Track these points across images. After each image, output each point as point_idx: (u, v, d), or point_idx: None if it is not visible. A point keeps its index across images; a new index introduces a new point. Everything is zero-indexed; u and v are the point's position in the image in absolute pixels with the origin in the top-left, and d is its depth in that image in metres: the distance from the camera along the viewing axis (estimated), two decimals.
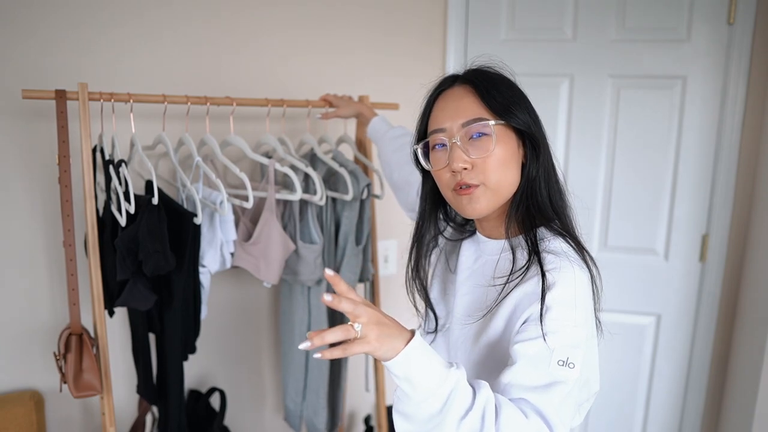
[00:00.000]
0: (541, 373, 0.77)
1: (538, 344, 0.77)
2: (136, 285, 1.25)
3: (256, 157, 1.39)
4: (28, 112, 1.38)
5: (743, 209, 1.88)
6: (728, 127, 1.84)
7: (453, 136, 0.84)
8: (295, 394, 1.64)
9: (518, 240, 0.87)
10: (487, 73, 0.87)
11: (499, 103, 0.83)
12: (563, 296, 0.78)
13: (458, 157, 0.83)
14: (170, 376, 1.40)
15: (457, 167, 0.83)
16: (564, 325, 0.77)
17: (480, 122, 0.82)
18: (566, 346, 0.77)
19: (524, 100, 0.87)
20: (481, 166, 0.83)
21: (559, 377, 0.76)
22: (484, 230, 0.94)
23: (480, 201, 0.84)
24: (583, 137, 1.96)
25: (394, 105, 1.66)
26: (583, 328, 0.79)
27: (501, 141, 0.83)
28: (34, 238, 1.44)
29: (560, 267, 0.80)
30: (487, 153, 0.82)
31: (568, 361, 0.76)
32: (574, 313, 0.78)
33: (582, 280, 0.81)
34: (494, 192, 0.84)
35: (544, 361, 0.77)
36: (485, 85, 0.84)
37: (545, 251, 0.83)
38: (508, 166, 0.84)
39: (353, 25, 1.82)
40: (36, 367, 1.48)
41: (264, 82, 1.68)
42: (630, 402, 2.10)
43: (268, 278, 1.42)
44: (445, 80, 0.90)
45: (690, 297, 1.98)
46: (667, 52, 1.85)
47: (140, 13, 1.48)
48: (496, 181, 0.83)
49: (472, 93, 0.85)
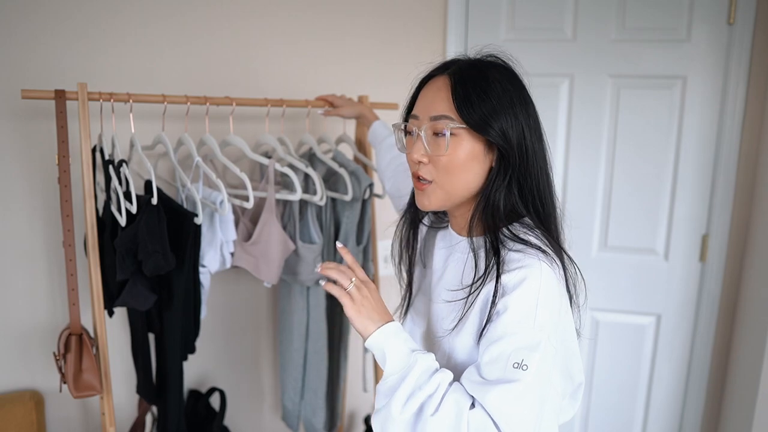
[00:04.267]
0: (494, 373, 0.76)
1: (497, 345, 0.77)
2: (135, 285, 1.25)
3: (256, 157, 1.39)
4: (28, 112, 1.38)
5: (743, 209, 1.88)
6: (728, 127, 1.84)
7: (420, 127, 0.84)
8: (294, 393, 1.64)
9: (481, 240, 0.86)
10: (477, 70, 0.83)
11: (471, 108, 0.80)
12: (526, 294, 0.77)
13: (417, 149, 0.84)
14: (170, 376, 1.40)
15: (414, 158, 0.84)
16: (523, 326, 0.76)
17: (444, 120, 0.82)
18: (522, 349, 0.76)
19: (509, 106, 0.81)
20: (436, 164, 0.83)
21: (508, 378, 0.75)
22: (454, 225, 0.94)
23: (431, 197, 0.85)
24: (583, 137, 1.96)
25: (393, 105, 1.66)
26: (546, 328, 0.77)
27: (462, 144, 0.81)
28: (33, 238, 1.44)
29: (524, 265, 0.78)
30: (442, 153, 0.82)
31: (522, 363, 0.75)
32: (535, 311, 0.77)
33: (549, 276, 0.78)
34: (446, 192, 0.84)
35: (501, 361, 0.76)
36: (465, 86, 0.81)
37: (510, 249, 0.81)
38: (465, 169, 0.83)
39: (353, 24, 1.82)
40: (36, 367, 1.48)
41: (264, 82, 1.68)
42: (630, 402, 2.09)
43: (268, 278, 1.42)
44: (437, 67, 0.88)
45: (690, 297, 1.98)
46: (667, 52, 1.85)
47: (140, 13, 1.48)
48: (448, 182, 0.83)
49: (448, 89, 0.82)
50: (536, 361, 0.75)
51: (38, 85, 1.35)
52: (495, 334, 0.77)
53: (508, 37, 1.96)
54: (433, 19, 1.96)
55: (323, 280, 0.87)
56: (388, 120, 1.54)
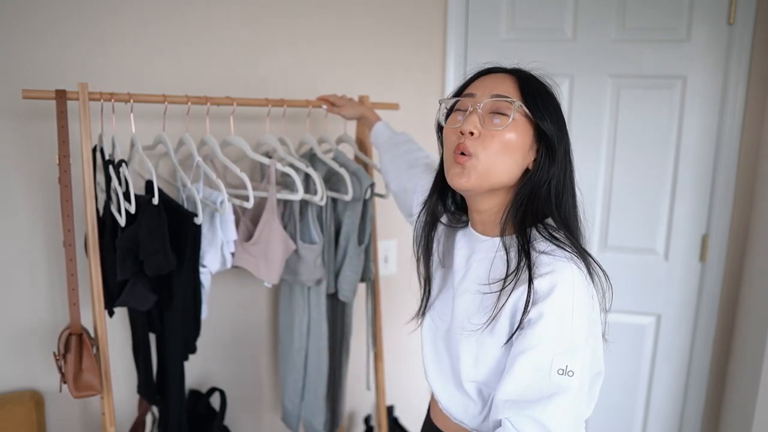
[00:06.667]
0: (541, 385, 0.76)
1: (535, 353, 0.76)
2: (136, 285, 1.25)
3: (256, 157, 1.39)
4: (28, 112, 1.38)
5: (743, 209, 1.88)
6: (728, 127, 1.84)
7: (478, 104, 0.85)
8: (294, 394, 1.64)
9: (512, 239, 0.86)
10: (537, 79, 0.89)
11: (534, 99, 0.85)
12: (560, 300, 0.77)
13: (472, 120, 0.84)
14: (171, 376, 1.40)
15: (466, 129, 0.84)
16: (561, 332, 0.77)
17: (508, 99, 0.84)
18: (565, 353, 0.76)
19: (559, 113, 0.88)
20: (485, 139, 0.83)
21: (560, 387, 0.75)
22: (477, 226, 0.93)
23: (470, 175, 0.84)
24: (583, 137, 1.96)
25: (394, 105, 1.66)
26: (583, 331, 0.78)
27: (516, 129, 0.84)
28: (34, 238, 1.44)
29: (556, 269, 0.78)
30: (498, 129, 0.83)
31: (567, 369, 0.75)
32: (571, 316, 0.77)
33: (580, 279, 0.79)
34: (484, 171, 0.84)
35: (544, 370, 0.76)
36: (530, 83, 0.86)
37: (540, 252, 0.82)
38: (508, 155, 0.84)
39: (353, 24, 1.82)
40: (36, 367, 1.48)
41: (264, 82, 1.68)
42: (630, 402, 2.09)
43: (269, 278, 1.42)
44: (496, 67, 0.91)
45: (690, 297, 1.98)
46: (667, 52, 1.85)
47: (140, 13, 1.48)
48: (490, 161, 0.83)
49: (514, 82, 0.86)
50: (579, 365, 0.76)
51: (38, 85, 1.35)
52: (530, 342, 0.77)
53: (508, 37, 1.96)
54: (433, 20, 1.96)
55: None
56: (387, 120, 1.54)
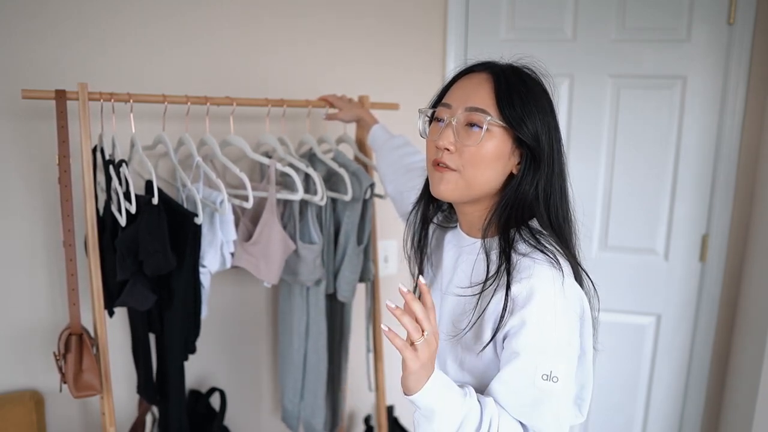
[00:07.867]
0: (526, 392, 0.77)
1: (519, 362, 0.77)
2: (135, 285, 1.25)
3: (256, 157, 1.39)
4: (28, 112, 1.38)
5: (743, 209, 1.88)
6: (728, 127, 1.84)
7: (453, 116, 0.84)
8: (293, 394, 1.64)
9: (493, 241, 0.86)
10: (519, 75, 0.86)
11: (512, 106, 0.82)
12: (541, 307, 0.77)
13: (446, 136, 0.83)
14: (171, 376, 1.40)
15: (441, 144, 0.83)
16: (543, 337, 0.77)
17: (480, 113, 0.82)
18: (548, 359, 0.76)
19: (544, 113, 0.84)
20: (462, 153, 0.83)
21: (544, 392, 0.76)
22: (464, 226, 0.93)
23: (449, 184, 0.84)
24: (583, 137, 1.96)
25: (394, 105, 1.66)
26: (566, 334, 0.78)
27: (493, 139, 0.82)
28: (34, 238, 1.44)
29: (534, 273, 0.78)
30: (473, 144, 0.82)
31: (552, 375, 0.76)
32: (554, 322, 0.77)
33: (560, 283, 0.78)
34: (467, 183, 0.84)
35: (528, 377, 0.77)
36: (508, 85, 0.83)
37: (521, 254, 0.81)
38: (487, 167, 0.83)
39: (353, 24, 1.82)
40: (36, 367, 1.48)
41: (264, 82, 1.68)
42: (630, 402, 2.09)
43: (268, 278, 1.42)
44: (478, 64, 0.89)
45: (690, 297, 1.98)
46: (667, 52, 1.85)
47: (140, 13, 1.48)
48: (471, 174, 0.83)
49: (490, 85, 0.84)
50: (564, 370, 0.77)
51: (38, 85, 1.35)
52: (515, 349, 0.78)
53: (508, 37, 1.96)
54: (433, 20, 1.96)
55: (385, 326, 0.76)
56: (387, 121, 1.54)
